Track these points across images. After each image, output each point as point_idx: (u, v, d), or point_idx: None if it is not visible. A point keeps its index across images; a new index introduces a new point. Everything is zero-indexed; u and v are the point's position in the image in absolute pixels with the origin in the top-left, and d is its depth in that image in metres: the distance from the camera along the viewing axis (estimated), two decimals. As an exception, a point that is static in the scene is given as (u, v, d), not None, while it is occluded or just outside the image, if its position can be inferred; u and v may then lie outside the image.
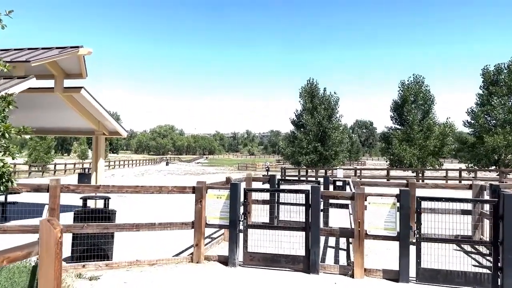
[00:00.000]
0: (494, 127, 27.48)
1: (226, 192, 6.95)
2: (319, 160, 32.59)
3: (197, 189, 6.93)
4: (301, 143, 32.71)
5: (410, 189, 9.52)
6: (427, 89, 31.75)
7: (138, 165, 68.14)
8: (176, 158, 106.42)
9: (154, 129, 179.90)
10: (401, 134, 31.30)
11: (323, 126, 32.33)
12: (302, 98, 33.87)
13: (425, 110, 31.53)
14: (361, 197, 6.27)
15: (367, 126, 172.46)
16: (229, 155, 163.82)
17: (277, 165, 72.35)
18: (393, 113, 33.12)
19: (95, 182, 11.94)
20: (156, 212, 12.51)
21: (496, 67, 28.28)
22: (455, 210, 8.60)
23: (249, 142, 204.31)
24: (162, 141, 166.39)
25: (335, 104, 33.44)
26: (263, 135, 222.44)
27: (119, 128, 12.21)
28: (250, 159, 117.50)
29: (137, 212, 12.32)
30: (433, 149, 30.16)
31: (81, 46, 9.62)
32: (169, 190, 6.84)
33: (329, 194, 6.51)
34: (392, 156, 31.67)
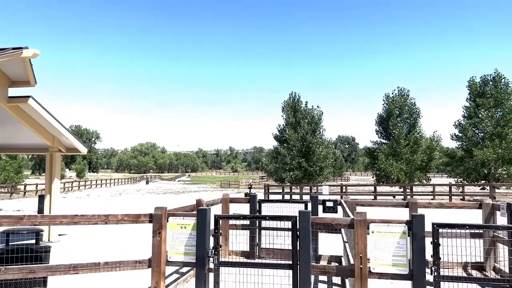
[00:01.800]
0: (482, 140, 26.82)
1: (192, 220, 5.53)
2: (303, 177, 31.28)
3: (155, 218, 5.50)
4: (284, 159, 31.43)
5: (411, 209, 8.32)
6: (413, 102, 31.10)
7: (117, 184, 65.74)
8: (157, 176, 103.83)
9: (135, 147, 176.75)
10: (387, 148, 30.39)
11: (307, 141, 31.15)
12: (284, 112, 32.74)
13: (411, 123, 30.76)
14: (363, 224, 4.94)
15: (349, 141, 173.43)
16: (212, 172, 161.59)
17: (260, 182, 70.90)
18: (378, 127, 32.27)
19: (49, 207, 10.32)
20: (112, 245, 10.78)
21: (482, 79, 27.79)
22: (463, 234, 7.37)
23: (232, 158, 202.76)
24: (144, 159, 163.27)
25: (318, 118, 32.35)
26: (246, 151, 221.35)
27: (77, 144, 10.66)
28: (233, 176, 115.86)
29: (85, 246, 10.60)
30: (420, 163, 29.28)
31: (25, 47, 8.16)
32: (119, 220, 5.37)
33: (321, 221, 5.19)
34: (378, 171, 30.64)
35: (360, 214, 5.05)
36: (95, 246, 10.50)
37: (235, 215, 5.32)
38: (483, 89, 27.49)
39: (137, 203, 28.02)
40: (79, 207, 23.99)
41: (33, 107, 9.12)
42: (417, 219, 4.85)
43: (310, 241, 5.13)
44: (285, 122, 32.75)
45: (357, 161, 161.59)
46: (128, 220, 5.44)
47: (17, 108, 9.21)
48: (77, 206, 24.62)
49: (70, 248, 10.20)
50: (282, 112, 32.89)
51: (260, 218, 5.38)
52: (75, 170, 76.57)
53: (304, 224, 5.10)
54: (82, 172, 75.94)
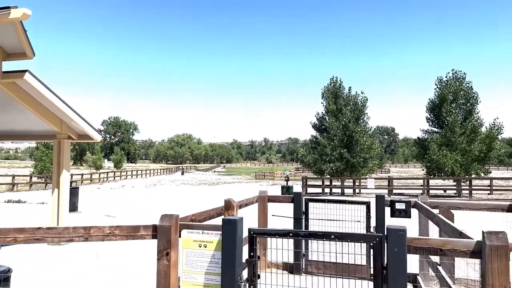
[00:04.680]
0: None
1: (215, 236, 3.66)
2: (345, 169, 28.82)
3: (161, 231, 3.67)
4: (324, 150, 29.05)
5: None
6: (469, 86, 27.72)
7: (153, 174, 65.76)
8: (192, 167, 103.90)
9: (172, 138, 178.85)
10: (440, 137, 27.31)
11: (349, 130, 28.55)
12: (324, 99, 30.20)
13: (467, 110, 27.45)
14: (502, 254, 2.88)
15: (388, 132, 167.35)
16: (246, 164, 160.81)
17: (296, 174, 68.65)
18: (429, 114, 29.13)
19: (57, 203, 8.81)
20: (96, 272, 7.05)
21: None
22: None
23: (267, 150, 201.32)
24: (180, 150, 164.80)
25: (362, 105, 29.54)
26: (281, 143, 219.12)
27: (89, 130, 9.08)
28: (268, 167, 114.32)
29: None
30: (478, 154, 26.08)
31: (13, 6, 6.53)
32: (105, 235, 3.56)
33: (423, 244, 3.18)
34: (429, 163, 27.67)
35: (496, 236, 2.97)
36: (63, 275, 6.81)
37: (280, 232, 3.40)
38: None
39: (169, 195, 26.77)
40: (108, 198, 23.00)
41: (32, 84, 7.54)
42: None
43: (405, 278, 3.11)
44: (325, 109, 30.25)
45: (396, 152, 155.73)
46: (121, 234, 3.63)
47: (14, 86, 7.68)
48: (107, 197, 23.66)
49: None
50: (321, 98, 30.41)
51: (319, 236, 3.42)
52: (113, 161, 77.37)
53: (397, 250, 3.09)
54: (120, 162, 76.67)
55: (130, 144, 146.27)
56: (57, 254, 7.88)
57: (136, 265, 7.44)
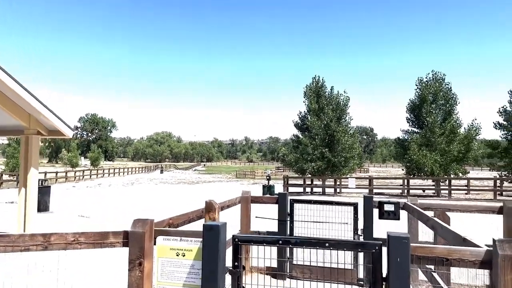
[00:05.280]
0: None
1: (195, 244, 3.26)
2: (326, 168, 28.71)
3: (133, 238, 3.25)
4: (306, 149, 28.86)
5: (509, 217, 5.87)
6: (448, 87, 28.02)
7: (131, 173, 64.48)
8: (172, 166, 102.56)
9: (151, 136, 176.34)
10: (420, 138, 27.51)
11: (331, 129, 28.45)
12: (306, 97, 30.00)
13: (446, 111, 27.74)
14: None
15: (367, 132, 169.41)
16: (227, 162, 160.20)
17: (277, 172, 68.51)
18: (409, 114, 29.32)
19: (23, 203, 8.21)
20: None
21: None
22: None
23: (247, 149, 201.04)
24: (159, 148, 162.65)
25: (344, 104, 29.48)
26: (262, 141, 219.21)
27: (60, 125, 8.48)
28: (249, 166, 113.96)
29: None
30: (457, 154, 26.38)
31: None
32: (69, 243, 3.10)
33: (428, 253, 2.87)
34: (409, 163, 27.85)
35: (509, 245, 2.67)
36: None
37: (268, 239, 3.02)
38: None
39: (147, 194, 26.07)
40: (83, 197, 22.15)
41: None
42: None
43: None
44: (307, 108, 30.05)
45: (375, 152, 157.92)
46: (87, 242, 3.18)
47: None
48: (82, 196, 22.78)
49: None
50: (304, 97, 30.20)
51: (312, 244, 3.06)
52: (90, 159, 75.52)
53: (399, 260, 2.77)
54: (97, 160, 74.87)
55: (108, 142, 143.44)
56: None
57: (105, 276, 6.50)
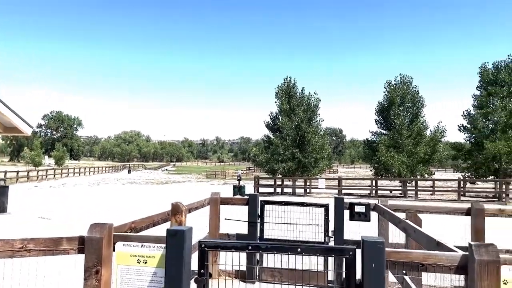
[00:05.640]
0: (492, 132, 24.73)
1: (158, 250, 3.03)
2: (297, 168, 28.83)
3: (89, 245, 2.98)
4: (277, 149, 28.88)
5: (477, 218, 5.95)
6: (416, 90, 28.76)
7: (97, 172, 62.64)
8: (140, 166, 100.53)
9: (119, 135, 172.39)
10: (388, 139, 28.08)
11: (301, 130, 28.59)
12: (278, 98, 30.03)
13: (413, 113, 28.46)
14: (493, 269, 2.51)
15: (336, 133, 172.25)
16: (197, 162, 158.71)
17: (248, 173, 68.45)
18: (378, 116, 29.88)
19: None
20: None
21: (494, 66, 25.63)
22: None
23: (218, 149, 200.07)
24: (127, 148, 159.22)
25: (315, 106, 29.73)
26: (233, 142, 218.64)
27: (17, 122, 7.97)
28: (220, 166, 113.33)
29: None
30: (423, 156, 27.09)
31: None
32: (16, 250, 2.79)
33: (403, 258, 2.75)
34: (377, 164, 28.38)
35: (485, 249, 2.60)
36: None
37: (237, 244, 2.84)
38: (495, 76, 25.32)
39: (113, 195, 25.27)
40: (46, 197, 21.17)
41: None
42: None
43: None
44: (279, 109, 30.10)
45: (344, 153, 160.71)
46: (36, 249, 2.88)
47: None
48: (45, 197, 21.78)
49: None
50: (275, 98, 30.21)
51: (284, 250, 2.89)
52: (54, 158, 72.81)
53: (374, 266, 2.64)
54: (62, 159, 72.27)
55: (74, 140, 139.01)
56: None
57: (58, 285, 5.81)
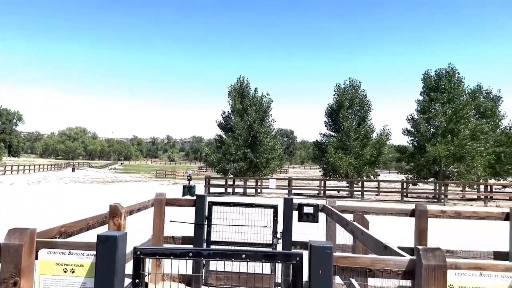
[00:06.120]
0: (433, 136, 26.16)
1: (87, 258, 2.73)
2: (248, 168, 28.79)
3: (6, 252, 2.62)
4: (229, 149, 28.67)
5: (420, 219, 6.10)
6: (364, 94, 29.77)
7: (38, 170, 59.00)
8: (85, 164, 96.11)
9: (64, 131, 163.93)
10: (337, 141, 28.83)
11: (254, 130, 28.60)
12: (231, 98, 29.83)
13: (361, 116, 29.44)
14: (439, 274, 2.48)
15: (288, 135, 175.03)
16: (147, 161, 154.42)
17: (199, 173, 67.60)
18: (327, 118, 30.59)
19: None
20: None
21: (437, 73, 27.11)
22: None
23: (169, 148, 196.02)
24: (72, 145, 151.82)
25: (267, 106, 29.90)
26: (184, 140, 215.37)
27: None
28: (170, 165, 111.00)
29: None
30: (369, 158, 28.09)
31: None
32: None
33: (351, 264, 2.67)
34: (326, 165, 29.05)
35: (433, 254, 2.56)
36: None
37: (176, 251, 2.59)
38: (437, 83, 26.81)
39: (53, 194, 23.77)
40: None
41: None
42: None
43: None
44: (231, 108, 29.89)
45: (294, 153, 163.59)
46: None
47: None
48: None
49: None
50: (228, 97, 29.97)
51: (227, 256, 2.70)
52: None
53: (322, 272, 2.52)
54: (0, 155, 67.44)
55: (13, 136, 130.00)
56: None
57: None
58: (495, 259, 5.65)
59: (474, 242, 9.95)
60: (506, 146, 28.02)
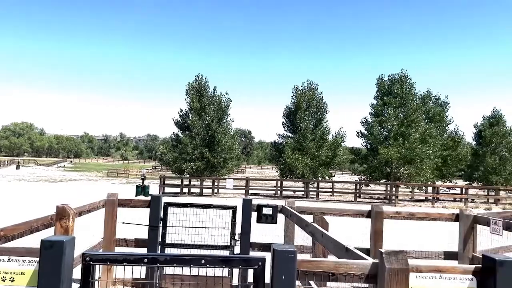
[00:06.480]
0: (386, 139, 27.19)
1: (29, 266, 2.48)
2: (205, 168, 28.43)
3: None
4: (185, 148, 28.14)
5: (376, 220, 6.22)
6: (320, 96, 30.38)
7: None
8: (31, 161, 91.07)
9: (8, 127, 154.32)
10: (294, 142, 29.20)
11: (211, 130, 28.28)
12: (188, 95, 29.29)
13: (317, 118, 30.02)
14: (402, 277, 2.46)
15: (245, 135, 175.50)
16: (98, 160, 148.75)
17: (153, 172, 66.03)
18: (285, 119, 30.92)
19: None
20: None
21: (390, 78, 28.23)
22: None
23: (122, 146, 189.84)
24: (17, 141, 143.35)
25: (226, 106, 29.68)
26: (139, 139, 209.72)
27: None
28: (123, 164, 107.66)
29: None
30: (324, 159, 28.69)
31: None
32: None
33: (314, 268, 2.60)
34: (283, 165, 29.34)
35: (395, 257, 2.55)
36: None
37: (129, 257, 2.40)
38: (390, 88, 27.93)
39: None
40: None
41: None
42: (504, 269, 2.54)
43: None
44: (189, 106, 29.35)
45: (251, 154, 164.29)
46: None
47: None
48: None
49: None
50: (186, 95, 29.43)
51: (186, 261, 2.55)
52: None
53: (285, 277, 2.44)
54: None
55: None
56: None
57: None
58: (445, 259, 5.88)
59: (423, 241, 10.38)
60: (452, 150, 29.74)
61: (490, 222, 5.63)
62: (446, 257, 5.97)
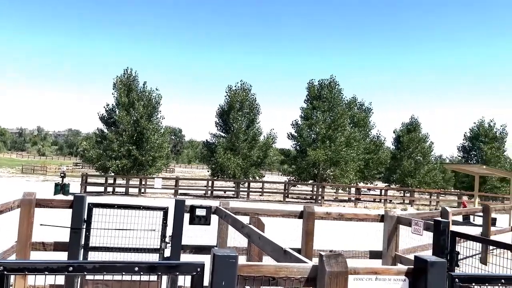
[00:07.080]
0: (314, 141, 28.24)
1: None
2: (132, 167, 27.26)
3: None
4: (111, 145, 26.72)
5: (308, 221, 6.34)
6: (253, 98, 30.74)
7: None
8: None
9: None
10: (226, 142, 29.19)
11: (140, 126, 27.17)
12: (116, 89, 27.82)
13: (250, 119, 30.35)
14: (341, 280, 2.47)
15: (176, 133, 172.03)
16: (11, 155, 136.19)
17: (74, 169, 62.09)
18: (218, 119, 30.80)
19: None
20: None
21: (319, 83, 29.38)
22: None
23: (40, 140, 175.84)
24: None
25: (157, 102, 28.73)
26: (58, 133, 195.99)
27: None
28: (40, 160, 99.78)
29: None
30: (256, 159, 29.07)
31: None
32: None
33: (255, 273, 2.51)
34: (214, 165, 29.19)
35: (335, 260, 2.54)
36: None
37: (52, 265, 2.11)
38: (319, 92, 29.11)
39: None
40: None
41: None
42: (435, 269, 2.65)
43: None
44: (116, 101, 27.90)
45: (181, 152, 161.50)
46: None
47: None
48: None
49: None
50: (113, 89, 27.97)
51: (117, 269, 2.32)
52: None
53: (225, 284, 2.33)
54: None
55: None
56: None
57: None
58: (371, 257, 6.17)
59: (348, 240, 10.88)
60: (373, 153, 31.84)
61: (412, 223, 6.00)
62: (372, 256, 6.26)
